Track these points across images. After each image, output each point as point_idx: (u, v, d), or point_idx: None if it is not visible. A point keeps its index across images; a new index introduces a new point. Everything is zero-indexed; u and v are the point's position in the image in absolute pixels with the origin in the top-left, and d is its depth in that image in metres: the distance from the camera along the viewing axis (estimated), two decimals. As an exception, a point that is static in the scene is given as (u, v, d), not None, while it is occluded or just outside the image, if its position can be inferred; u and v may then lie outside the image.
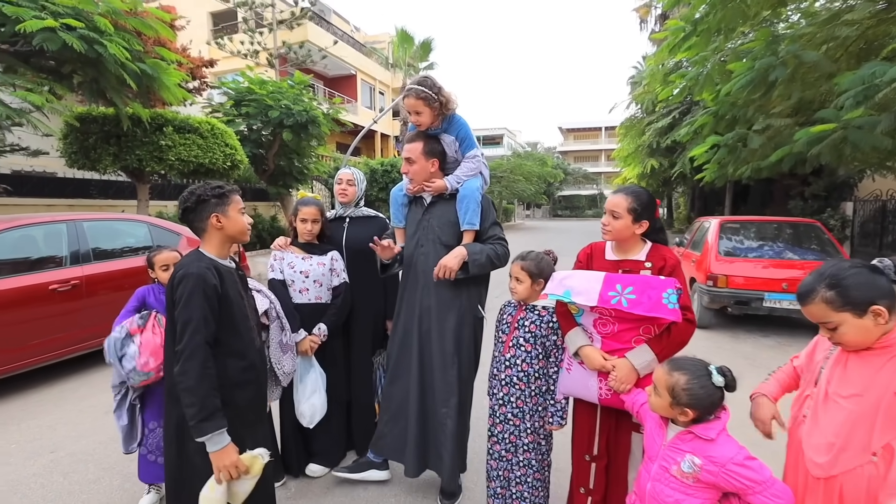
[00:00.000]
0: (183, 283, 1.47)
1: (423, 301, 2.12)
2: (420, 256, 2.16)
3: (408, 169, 2.14)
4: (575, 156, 58.07)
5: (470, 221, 2.09)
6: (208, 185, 1.58)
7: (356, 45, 25.31)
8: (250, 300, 1.76)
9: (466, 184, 2.14)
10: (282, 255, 2.52)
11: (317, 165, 13.63)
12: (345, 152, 15.73)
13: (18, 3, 5.05)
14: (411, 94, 1.99)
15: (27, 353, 3.71)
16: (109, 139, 6.90)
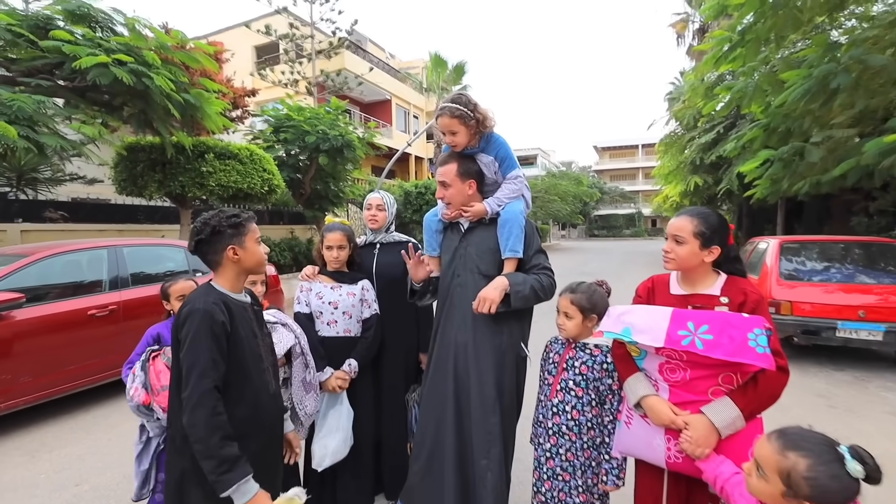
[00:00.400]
0: (189, 320, 1.33)
1: (460, 337, 1.90)
2: (456, 288, 1.95)
3: (443, 193, 1.96)
4: (611, 174, 56.98)
5: (512, 248, 1.87)
6: (223, 213, 1.45)
7: (391, 72, 25.95)
8: (266, 338, 1.60)
9: (508, 207, 1.93)
10: (309, 285, 2.37)
11: (352, 189, 13.81)
12: (380, 175, 15.92)
13: (76, 43, 5.34)
14: (445, 113, 1.83)
15: (64, 378, 3.73)
16: (155, 167, 7.16)
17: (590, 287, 1.78)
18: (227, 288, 1.48)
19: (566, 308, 1.76)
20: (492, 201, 1.94)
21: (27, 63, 5.50)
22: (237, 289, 1.51)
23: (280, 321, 2.05)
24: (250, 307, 1.55)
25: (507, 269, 1.90)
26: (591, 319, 1.76)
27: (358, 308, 2.35)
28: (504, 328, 1.90)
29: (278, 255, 11.93)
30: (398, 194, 16.36)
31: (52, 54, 5.37)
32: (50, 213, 7.47)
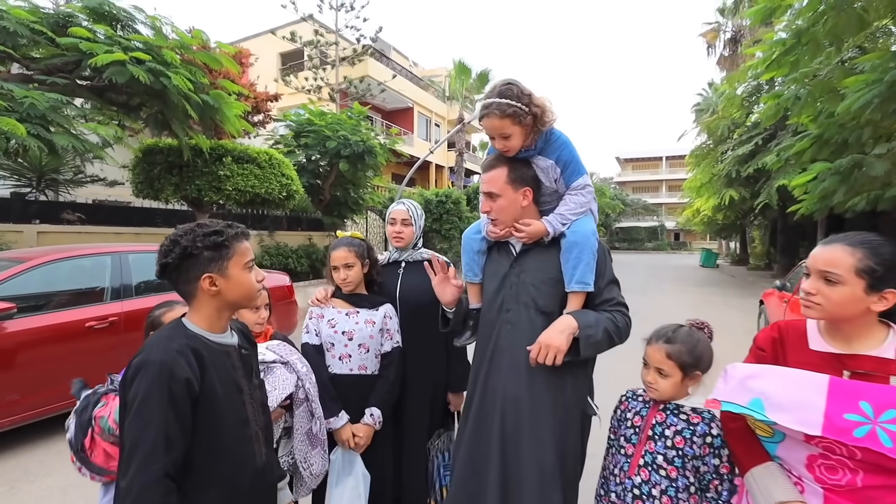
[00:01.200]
0: (139, 377, 0.95)
1: (510, 389, 1.48)
2: (505, 325, 1.53)
3: (489, 206, 1.53)
4: (633, 186, 55.94)
5: (581, 280, 1.44)
6: (200, 228, 1.08)
7: (413, 79, 25.86)
8: (257, 391, 1.20)
9: (576, 226, 1.50)
10: (320, 311, 1.98)
11: (372, 196, 13.54)
12: (400, 183, 15.65)
13: (95, 40, 5.15)
14: (493, 113, 1.39)
15: (58, 396, 3.41)
16: (172, 169, 6.95)
17: (690, 334, 1.35)
18: (203, 327, 1.10)
19: (660, 363, 1.33)
20: (554, 219, 1.51)
21: (46, 61, 5.34)
22: (218, 327, 1.13)
23: (280, 358, 1.66)
24: (236, 351, 1.16)
25: (572, 305, 1.47)
26: (694, 377, 1.32)
27: (377, 340, 1.95)
28: (567, 379, 1.47)
29: (295, 262, 11.67)
30: (419, 203, 16.04)
31: (70, 52, 5.20)
32: (67, 214, 7.33)
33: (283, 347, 1.77)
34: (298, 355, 1.80)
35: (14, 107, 4.45)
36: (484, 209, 1.55)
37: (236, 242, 1.11)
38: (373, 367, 1.95)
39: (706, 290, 12.95)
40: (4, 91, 4.44)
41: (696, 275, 17.99)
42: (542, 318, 1.47)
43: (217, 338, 1.12)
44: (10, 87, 4.45)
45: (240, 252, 1.11)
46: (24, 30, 4.80)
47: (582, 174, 1.53)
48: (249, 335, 1.29)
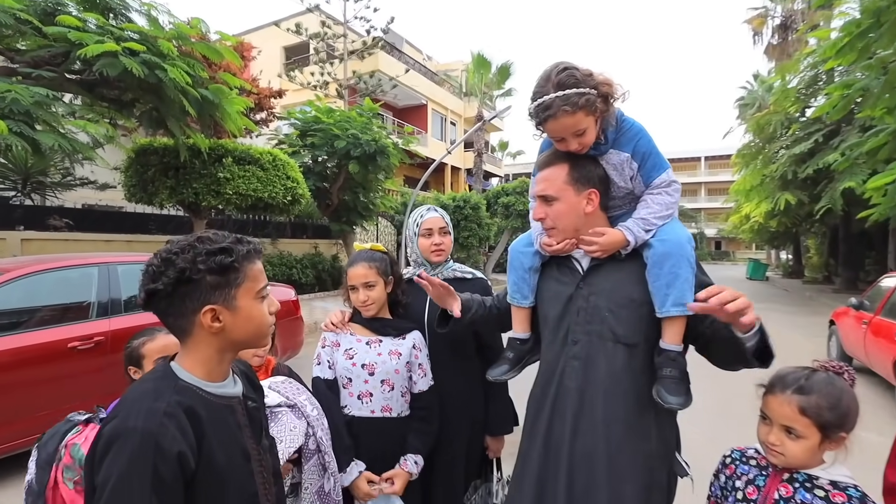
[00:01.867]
0: (112, 452, 0.76)
1: (581, 444, 1.27)
2: (571, 362, 1.31)
3: (543, 213, 1.33)
4: (671, 190, 55.15)
5: (681, 300, 1.21)
6: (204, 244, 0.89)
7: (428, 74, 25.93)
8: (266, 457, 1.00)
9: (664, 232, 1.28)
10: (335, 338, 1.79)
11: (384, 200, 13.45)
12: (413, 186, 15.55)
13: (84, 30, 5.12)
14: (563, 111, 1.18)
15: (34, 426, 3.27)
16: (168, 171, 6.91)
17: (830, 382, 1.11)
18: (200, 374, 0.91)
19: (791, 420, 1.09)
20: (635, 225, 1.29)
21: (32, 53, 5.33)
22: (218, 373, 0.94)
23: (287, 400, 1.47)
24: (241, 404, 0.97)
25: (671, 334, 1.25)
26: (837, 440, 1.08)
27: (403, 375, 1.75)
28: (652, 427, 1.26)
29: (300, 273, 11.62)
30: (433, 207, 15.88)
31: (58, 43, 5.18)
32: (54, 220, 7.33)
33: (290, 386, 1.58)
34: (307, 395, 1.61)
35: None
36: (537, 216, 1.35)
37: (248, 264, 0.92)
38: (399, 408, 1.75)
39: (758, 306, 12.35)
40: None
41: (743, 288, 17.27)
42: (623, 350, 1.26)
43: (217, 388, 0.93)
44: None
45: (252, 277, 0.93)
46: (9, 18, 4.78)
47: (665, 168, 1.32)
48: (255, 379, 1.10)
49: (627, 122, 1.31)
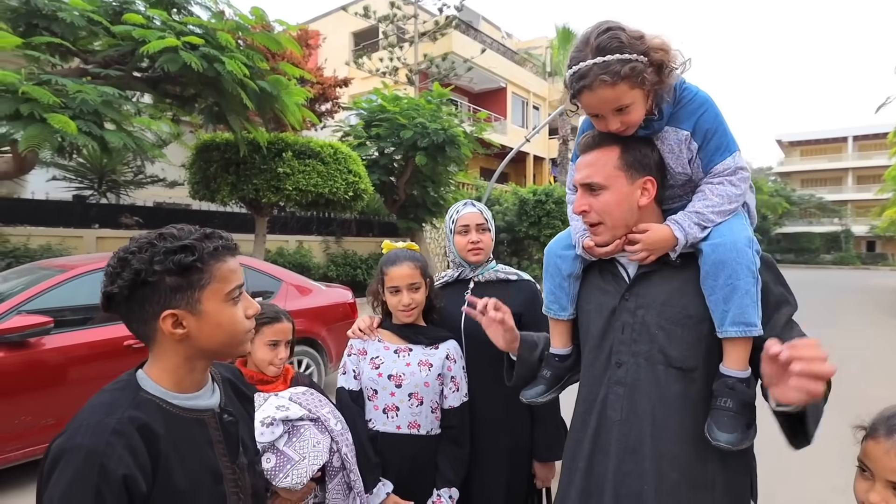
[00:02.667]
0: (57, 470, 0.80)
1: (627, 488, 1.18)
2: (615, 388, 1.22)
3: (587, 204, 1.21)
4: (803, 178, 50.68)
5: (741, 319, 1.09)
6: (164, 241, 0.91)
7: (507, 53, 25.79)
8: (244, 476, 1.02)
9: (719, 233, 1.15)
10: (362, 345, 1.82)
11: (455, 194, 13.57)
12: (489, 178, 15.53)
13: (148, 27, 5.66)
14: (602, 80, 1.08)
15: (91, 423, 3.67)
16: (229, 167, 7.45)
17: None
18: (166, 384, 0.94)
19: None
20: (686, 220, 1.17)
21: (103, 53, 5.99)
22: (188, 383, 0.96)
23: (309, 413, 1.51)
24: (215, 418, 0.99)
25: (732, 359, 1.12)
26: None
27: (434, 388, 1.74)
28: (717, 474, 1.13)
29: (364, 274, 12.03)
30: (511, 202, 15.78)
31: (125, 41, 5.77)
32: (125, 218, 8.18)
33: (312, 398, 1.63)
34: (330, 407, 1.65)
35: (68, 103, 4.99)
36: (578, 208, 1.23)
37: (214, 263, 0.93)
38: (428, 425, 1.74)
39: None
40: (59, 87, 5.01)
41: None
42: (677, 376, 1.15)
43: (186, 400, 0.95)
44: (64, 82, 5.01)
45: (220, 277, 0.93)
46: (81, 20, 5.40)
47: (732, 151, 1.17)
48: (241, 385, 1.13)
49: (689, 92, 1.18)
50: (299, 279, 5.38)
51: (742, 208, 1.22)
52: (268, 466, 1.44)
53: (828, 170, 49.57)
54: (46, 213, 8.16)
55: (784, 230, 46.22)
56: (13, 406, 3.32)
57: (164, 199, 10.85)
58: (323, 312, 5.22)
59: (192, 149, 7.62)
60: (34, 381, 3.43)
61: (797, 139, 51.91)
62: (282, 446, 1.49)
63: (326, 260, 11.78)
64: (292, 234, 11.43)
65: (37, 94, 4.66)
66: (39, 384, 3.45)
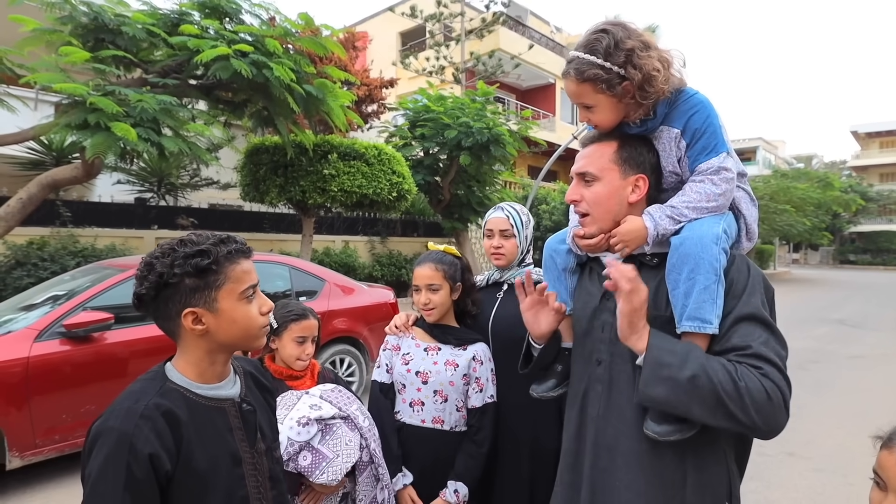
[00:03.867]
0: (95, 449, 0.94)
1: (601, 482, 1.24)
2: (595, 387, 1.28)
3: (579, 195, 1.27)
4: (881, 172, 47.49)
5: (696, 315, 1.11)
6: (183, 247, 1.03)
7: (556, 49, 25.46)
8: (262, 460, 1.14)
9: (691, 225, 1.18)
10: (396, 341, 1.95)
11: (502, 194, 13.56)
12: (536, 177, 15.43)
13: (202, 36, 6.00)
14: (568, 74, 1.20)
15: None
16: (277, 170, 7.77)
17: None
18: (191, 375, 1.07)
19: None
20: (658, 212, 1.20)
21: (162, 63, 6.38)
22: (210, 374, 1.09)
23: (339, 411, 1.62)
24: (234, 407, 1.11)
25: None
26: None
27: (459, 387, 1.83)
28: (688, 472, 1.16)
29: (409, 274, 12.21)
30: (558, 202, 15.62)
31: (181, 52, 6.13)
32: (182, 220, 8.68)
33: (341, 395, 1.73)
34: (358, 404, 1.75)
35: (129, 112, 5.37)
36: (570, 196, 1.29)
37: (229, 265, 1.05)
38: (451, 421, 1.83)
39: None
40: (122, 97, 5.39)
41: None
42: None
43: (208, 390, 1.07)
44: (126, 92, 5.39)
45: (234, 278, 1.05)
46: (141, 33, 5.78)
47: (718, 152, 1.19)
48: (263, 378, 1.25)
49: (685, 94, 1.22)
50: (342, 279, 5.57)
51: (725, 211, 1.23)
52: (304, 464, 1.55)
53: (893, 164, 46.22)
54: (111, 215, 8.77)
55: (859, 229, 43.46)
56: (79, 396, 3.64)
57: (217, 200, 11.43)
58: (365, 312, 5.38)
59: (242, 152, 8.00)
60: (97, 373, 3.73)
61: (875, 130, 48.59)
62: (317, 444, 1.59)
63: (372, 260, 12.04)
64: (338, 235, 11.76)
65: (102, 105, 5.03)
66: (101, 376, 3.75)
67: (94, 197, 9.69)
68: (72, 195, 9.47)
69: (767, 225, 24.66)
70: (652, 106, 1.19)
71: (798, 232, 26.36)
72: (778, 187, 24.31)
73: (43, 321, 3.64)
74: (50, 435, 3.51)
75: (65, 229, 7.84)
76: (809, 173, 31.41)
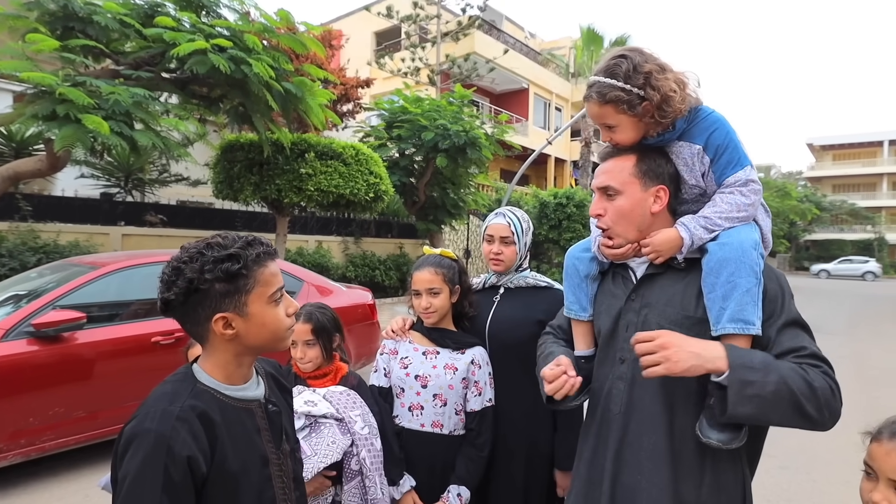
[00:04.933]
0: (130, 452, 0.92)
1: (624, 479, 1.27)
2: (617, 385, 1.32)
3: (602, 208, 1.33)
4: (834, 183, 49.65)
5: (738, 316, 1.17)
6: (212, 250, 1.01)
7: (530, 54, 25.78)
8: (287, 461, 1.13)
9: (727, 235, 1.24)
10: (394, 345, 1.94)
11: (476, 197, 13.63)
12: (510, 181, 15.56)
13: (179, 29, 5.85)
14: (591, 97, 1.28)
15: (118, 417, 3.81)
16: (252, 168, 7.63)
17: None
18: (219, 377, 1.05)
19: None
20: (694, 223, 1.26)
21: (134, 55, 6.19)
22: (238, 376, 1.08)
23: (335, 413, 1.60)
24: (261, 408, 1.10)
25: None
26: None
27: (458, 391, 1.83)
28: (706, 472, 1.21)
29: (383, 275, 12.17)
30: (531, 206, 15.79)
31: (156, 44, 5.96)
32: (150, 216, 8.42)
33: (346, 398, 1.71)
34: (363, 410, 1.72)
35: (101, 104, 5.19)
36: (594, 211, 1.35)
37: (258, 269, 1.03)
38: (451, 425, 1.83)
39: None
40: (93, 88, 5.20)
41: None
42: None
43: (236, 391, 1.06)
44: (97, 83, 5.21)
45: (263, 281, 1.04)
46: (114, 23, 5.60)
47: (743, 165, 1.27)
48: (284, 379, 1.24)
49: (703, 112, 1.29)
50: (320, 280, 5.50)
51: (755, 223, 1.30)
52: None
53: (861, 175, 48.46)
54: (75, 211, 8.45)
55: (813, 237, 45.29)
56: (48, 398, 3.48)
57: (187, 197, 11.14)
58: (343, 313, 5.22)
59: (216, 149, 7.82)
60: (67, 374, 3.59)
61: (829, 143, 50.86)
62: (299, 439, 1.57)
63: (345, 260, 11.94)
64: (312, 235, 11.61)
65: (72, 96, 4.85)
66: (72, 377, 3.61)
67: (56, 191, 9.32)
68: (32, 188, 9.09)
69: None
70: (671, 123, 1.26)
71: (758, 239, 27.33)
72: (740, 196, 25.15)
73: (9, 320, 3.48)
74: (16, 439, 3.35)
75: (24, 224, 7.53)
76: (769, 183, 32.69)
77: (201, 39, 5.65)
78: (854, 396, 5.95)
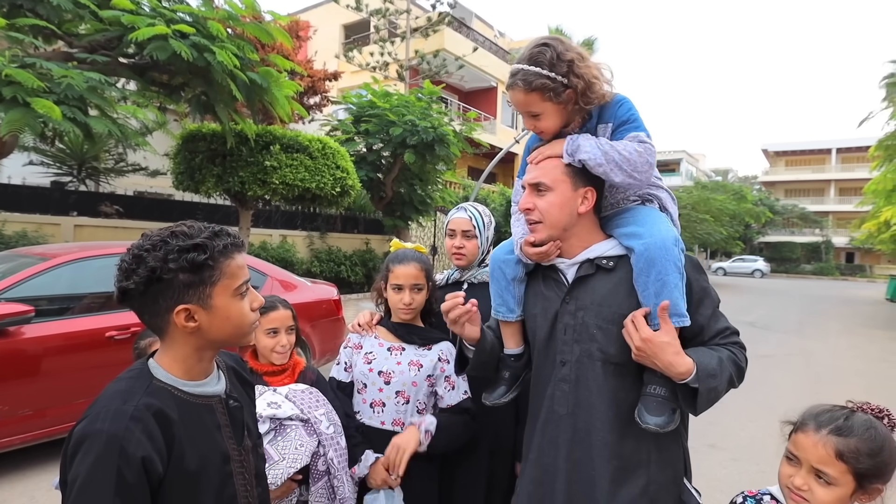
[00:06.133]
0: (80, 454, 0.86)
1: (578, 470, 1.31)
2: (561, 387, 1.34)
3: (532, 204, 1.34)
4: (787, 188, 51.62)
5: (672, 311, 1.23)
6: (176, 239, 0.96)
7: (499, 53, 25.88)
8: (249, 458, 1.10)
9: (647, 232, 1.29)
10: (359, 339, 1.89)
11: (443, 193, 13.63)
12: (477, 178, 15.62)
13: (137, 12, 5.62)
14: (517, 84, 1.30)
15: (68, 415, 3.65)
16: (215, 159, 7.42)
17: (871, 426, 1.13)
18: (177, 373, 1.00)
19: (824, 463, 1.11)
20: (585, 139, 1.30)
21: (88, 37, 5.93)
22: (198, 371, 1.03)
23: (300, 413, 1.56)
24: (221, 403, 1.06)
25: None
26: (872, 493, 1.11)
27: (422, 389, 1.81)
28: (650, 449, 1.28)
29: (349, 271, 12.04)
30: (498, 203, 15.91)
31: (113, 27, 5.72)
32: (105, 207, 8.10)
33: (308, 397, 1.67)
34: (327, 408, 1.69)
35: (53, 88, 4.94)
36: (524, 205, 1.36)
37: (224, 260, 0.99)
38: (414, 423, 1.80)
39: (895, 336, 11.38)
40: (44, 71, 4.95)
41: (881, 313, 15.95)
42: (615, 371, 1.29)
43: (195, 387, 1.02)
44: (49, 66, 4.96)
45: (229, 274, 0.99)
46: (68, 3, 5.34)
47: (641, 130, 1.33)
48: (244, 372, 1.20)
49: (616, 99, 1.36)
50: (284, 274, 5.40)
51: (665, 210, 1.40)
52: None
53: (811, 181, 50.56)
54: (23, 199, 8.03)
55: (767, 239, 47.07)
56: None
57: (145, 188, 10.74)
58: (307, 308, 5.23)
59: (177, 138, 7.57)
60: (12, 370, 3.41)
61: (783, 149, 52.90)
62: (265, 444, 1.53)
63: (310, 255, 11.75)
64: (276, 229, 11.38)
65: (20, 78, 4.61)
66: (18, 374, 3.43)
67: (2, 178, 8.85)
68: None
69: (689, 233, 26.28)
70: (584, 117, 1.34)
71: (715, 240, 28.22)
72: (699, 198, 25.97)
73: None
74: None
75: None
76: (726, 186, 33.73)
77: (162, 24, 5.45)
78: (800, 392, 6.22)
